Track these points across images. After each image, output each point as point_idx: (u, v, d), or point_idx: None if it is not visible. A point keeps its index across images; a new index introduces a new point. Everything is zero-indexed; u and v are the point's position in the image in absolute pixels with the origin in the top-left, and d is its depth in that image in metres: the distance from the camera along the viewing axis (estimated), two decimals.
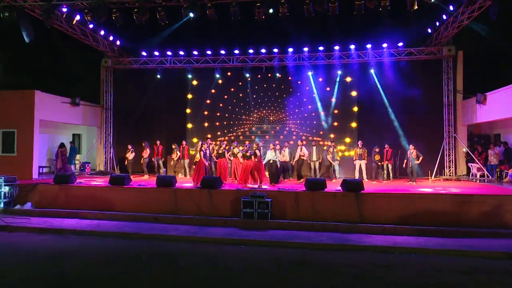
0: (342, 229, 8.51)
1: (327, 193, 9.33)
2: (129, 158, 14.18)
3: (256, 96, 15.38)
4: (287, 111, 15.16)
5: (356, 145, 13.43)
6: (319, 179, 9.89)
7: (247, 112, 15.45)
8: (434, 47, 13.58)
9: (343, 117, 14.65)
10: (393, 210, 8.86)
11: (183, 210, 9.73)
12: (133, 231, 8.23)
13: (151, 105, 15.81)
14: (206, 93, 15.64)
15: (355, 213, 9.00)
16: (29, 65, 15.92)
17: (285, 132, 15.08)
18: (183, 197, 9.87)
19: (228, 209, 9.54)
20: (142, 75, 15.91)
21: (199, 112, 15.68)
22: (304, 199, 9.30)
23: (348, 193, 9.20)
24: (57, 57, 15.24)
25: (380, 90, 14.09)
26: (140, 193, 10.15)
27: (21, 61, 15.69)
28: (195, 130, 15.67)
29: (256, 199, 9.08)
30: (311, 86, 14.88)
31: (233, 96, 15.54)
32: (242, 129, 15.47)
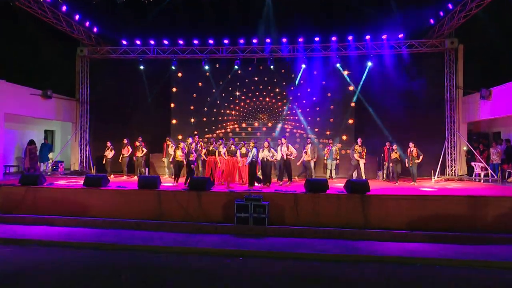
0: (348, 235, 7.76)
1: (330, 195, 8.56)
2: (108, 156, 13.06)
3: (247, 90, 14.50)
4: (280, 107, 14.34)
5: (354, 142, 12.71)
6: (320, 180, 9.11)
7: (237, 107, 14.54)
8: (436, 40, 13.04)
9: (339, 113, 13.95)
10: (402, 213, 8.18)
11: (168, 215, 8.79)
12: (111, 240, 7.22)
13: (132, 99, 14.72)
14: (193, 86, 14.64)
15: (360, 217, 8.28)
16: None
17: (277, 129, 14.26)
18: (168, 200, 8.91)
19: (219, 213, 8.65)
20: (122, 66, 14.77)
21: (185, 107, 14.67)
22: (304, 202, 8.50)
23: (353, 195, 8.46)
24: (25, 43, 13.88)
25: (379, 85, 13.44)
26: (119, 196, 9.12)
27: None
28: (180, 126, 14.66)
29: (252, 202, 8.23)
30: (306, 80, 14.11)
31: (222, 90, 14.60)
32: (231, 125, 14.56)
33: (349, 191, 8.59)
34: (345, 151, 13.24)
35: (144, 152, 12.79)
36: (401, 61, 13.29)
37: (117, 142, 12.99)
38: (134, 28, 13.73)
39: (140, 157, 12.72)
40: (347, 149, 13.08)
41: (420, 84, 13.09)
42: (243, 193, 8.78)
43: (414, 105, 13.31)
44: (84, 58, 14.81)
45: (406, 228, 8.00)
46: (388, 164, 12.11)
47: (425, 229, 7.89)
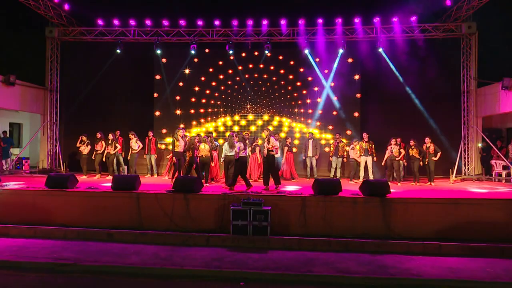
0: (370, 248, 6.51)
1: (344, 199, 7.28)
2: (83, 152, 11.51)
3: (240, 79, 13.10)
4: (277, 98, 13.00)
5: (359, 138, 11.48)
6: (332, 180, 7.81)
7: (229, 98, 13.13)
8: (452, 23, 11.90)
9: (344, 105, 12.69)
10: (430, 220, 7.00)
11: (149, 223, 7.39)
12: (73, 258, 5.75)
13: (109, 87, 13.15)
14: (179, 73, 13.16)
15: (381, 224, 7.06)
16: None
17: (275, 123, 12.92)
18: (149, 204, 7.50)
19: (212, 220, 7.29)
20: (98, 50, 13.18)
21: (170, 97, 13.18)
22: (313, 207, 7.21)
23: (371, 198, 7.21)
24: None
25: (388, 74, 12.24)
26: (88, 199, 7.64)
27: None
28: (164, 119, 13.16)
29: (251, 207, 6.89)
30: (307, 68, 12.80)
31: (212, 78, 13.17)
32: (222, 118, 13.14)
33: (367, 193, 7.33)
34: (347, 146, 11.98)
35: (117, 149, 11.30)
36: (414, 48, 12.11)
37: (93, 136, 11.44)
38: (112, 6, 12.16)
39: (113, 155, 11.22)
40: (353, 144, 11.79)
41: (434, 73, 11.97)
42: (240, 195, 7.43)
43: (427, 97, 12.19)
44: (53, 40, 13.15)
45: (435, 238, 6.83)
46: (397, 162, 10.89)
47: (459, 239, 6.72)
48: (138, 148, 11.34)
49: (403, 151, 10.30)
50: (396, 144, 10.33)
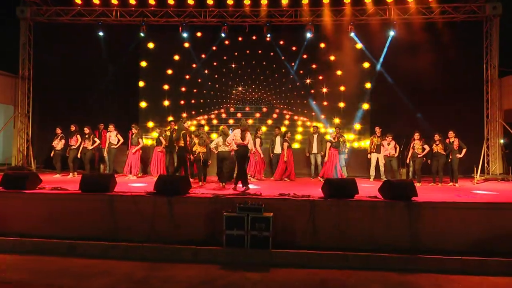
0: (396, 264, 5.35)
1: (361, 203, 6.10)
2: (56, 147, 10.27)
3: (237, 66, 11.91)
4: (277, 88, 11.81)
5: (371, 132, 10.33)
6: (346, 180, 6.61)
7: (224, 87, 11.93)
8: (474, 4, 10.75)
9: (352, 96, 11.52)
10: (466, 229, 5.83)
11: (125, 232, 6.20)
12: (20, 281, 4.52)
13: (90, 75, 11.87)
14: (167, 60, 11.93)
15: (406, 234, 5.90)
16: None
17: (274, 116, 11.74)
18: (125, 209, 6.29)
19: (200, 229, 6.11)
20: (76, 33, 11.90)
21: (157, 86, 11.97)
22: (324, 213, 6.04)
23: (394, 202, 6.04)
24: None
25: (401, 61, 11.07)
26: (52, 203, 6.42)
27: None
28: (151, 111, 11.93)
29: (249, 213, 5.69)
30: (311, 54, 11.62)
31: (205, 66, 11.98)
32: (216, 110, 11.94)
33: (388, 196, 6.15)
34: (356, 142, 10.79)
35: (95, 144, 10.08)
36: (431, 31, 10.96)
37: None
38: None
39: (90, 150, 10.01)
40: (361, 140, 10.61)
41: (453, 61, 10.84)
42: (235, 199, 6.22)
43: (445, 87, 11.06)
44: (25, 21, 11.85)
45: (471, 250, 5.68)
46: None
47: (503, 252, 5.56)
48: (118, 143, 10.10)
49: (427, 147, 9.14)
50: (419, 139, 9.18)
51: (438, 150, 9.09)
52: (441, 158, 9.03)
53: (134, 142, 9.95)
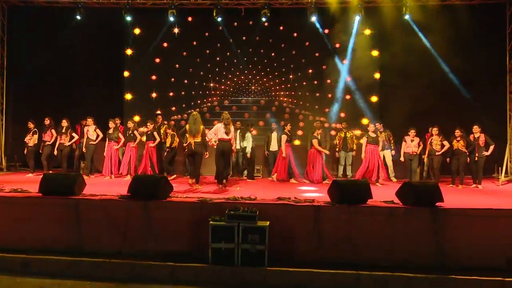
0: (419, 286, 4.37)
1: (376, 210, 5.14)
2: (29, 143, 9.30)
3: (231, 54, 10.92)
4: (276, 78, 10.83)
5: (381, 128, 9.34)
6: (358, 182, 5.62)
7: (218, 77, 10.96)
8: None
9: (360, 87, 10.53)
10: (502, 241, 4.86)
11: (93, 244, 5.30)
12: None
13: (69, 63, 10.88)
14: (155, 47, 10.94)
15: (431, 248, 4.98)
16: None
17: (273, 109, 10.76)
18: (93, 216, 5.35)
19: (182, 241, 5.21)
20: (54, 17, 10.84)
21: (144, 76, 10.98)
22: (332, 221, 5.10)
23: (416, 208, 5.07)
24: None
25: (415, 48, 10.08)
26: (6, 208, 5.46)
27: None
28: (137, 104, 10.94)
29: (240, 222, 4.74)
30: (313, 41, 10.64)
31: (196, 54, 11.00)
32: (209, 103, 10.96)
33: (409, 201, 5.18)
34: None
35: (74, 139, 9.13)
36: (447, 16, 9.92)
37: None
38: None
39: (68, 147, 9.07)
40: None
41: (472, 48, 9.86)
42: (225, 204, 5.27)
43: (464, 78, 10.07)
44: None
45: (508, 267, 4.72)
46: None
47: None
48: (96, 139, 9.12)
49: (447, 143, 8.17)
50: (437, 134, 8.22)
51: (459, 147, 8.12)
52: (462, 156, 8.05)
53: (114, 137, 9.00)
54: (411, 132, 8.46)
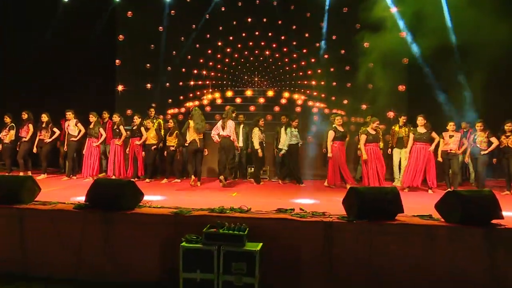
0: None
1: (409, 229, 3.87)
2: (4, 140, 8.44)
3: (235, 38, 9.77)
4: (285, 66, 9.59)
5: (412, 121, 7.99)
6: (384, 190, 4.30)
7: (219, 66, 9.83)
8: None
9: (384, 74, 9.10)
10: None
11: (40, 266, 4.24)
12: None
13: (54, 51, 9.90)
14: (149, 32, 9.89)
15: (484, 281, 3.63)
16: None
17: (283, 101, 9.51)
18: (40, 230, 4.31)
19: (151, 265, 4.09)
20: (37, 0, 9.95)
21: (137, 64, 9.95)
22: (348, 243, 3.91)
23: (465, 228, 3.76)
24: None
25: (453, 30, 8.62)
26: None
27: None
28: (130, 95, 9.94)
29: (222, 244, 3.58)
30: (330, 22, 9.36)
31: (196, 39, 9.89)
32: (210, 94, 9.83)
33: (454, 218, 3.88)
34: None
35: (55, 135, 8.22)
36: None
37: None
38: None
39: (48, 144, 8.17)
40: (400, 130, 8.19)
41: None
42: (206, 217, 4.11)
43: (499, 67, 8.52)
44: None
45: None
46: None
47: None
48: (78, 135, 8.14)
49: (495, 140, 6.75)
50: (482, 130, 6.82)
51: (509, 144, 6.68)
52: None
53: (94, 133, 8.01)
54: (450, 126, 7.03)
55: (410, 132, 7.27)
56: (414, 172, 6.87)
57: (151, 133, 7.92)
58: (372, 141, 7.15)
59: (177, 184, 7.57)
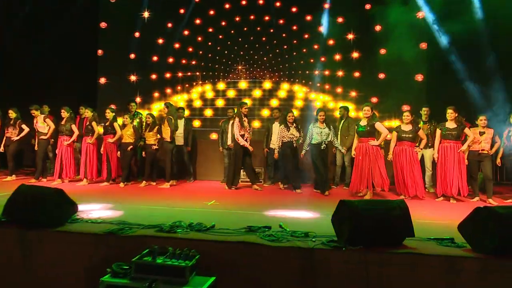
0: None
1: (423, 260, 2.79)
2: None
3: (227, 23, 8.76)
4: (285, 53, 8.54)
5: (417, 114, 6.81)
6: (389, 204, 3.21)
7: (210, 55, 8.87)
8: None
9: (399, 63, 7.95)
10: None
11: None
12: None
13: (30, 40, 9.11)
14: (133, 18, 8.99)
15: None
16: None
17: (281, 94, 8.47)
18: None
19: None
20: None
21: (121, 55, 9.08)
22: (335, 277, 2.81)
23: (503, 260, 2.66)
24: None
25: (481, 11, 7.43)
26: None
27: None
28: (113, 89, 9.08)
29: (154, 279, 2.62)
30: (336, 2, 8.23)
31: (184, 25, 8.95)
32: (200, 87, 8.87)
33: (486, 245, 2.77)
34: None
35: (23, 132, 7.42)
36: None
37: None
38: None
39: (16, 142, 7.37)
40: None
41: None
42: (148, 238, 3.14)
43: None
44: None
45: None
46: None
47: None
48: (48, 132, 7.31)
49: None
50: None
51: None
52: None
53: (65, 130, 7.16)
54: (480, 121, 5.81)
55: (437, 128, 6.05)
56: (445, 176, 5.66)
57: (127, 130, 7.02)
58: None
59: (152, 189, 6.66)
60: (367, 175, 5.91)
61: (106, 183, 7.02)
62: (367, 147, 5.92)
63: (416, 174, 5.87)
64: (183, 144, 7.61)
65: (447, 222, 3.99)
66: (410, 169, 5.86)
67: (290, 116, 6.34)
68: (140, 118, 7.78)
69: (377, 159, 5.90)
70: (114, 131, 7.01)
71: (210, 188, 6.96)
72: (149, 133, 7.06)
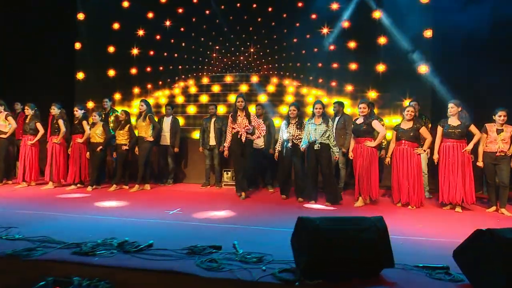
0: None
1: None
2: None
3: (211, 12, 8.11)
4: (274, 44, 7.87)
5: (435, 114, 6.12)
6: (355, 221, 2.53)
7: (193, 47, 8.23)
8: None
9: (401, 52, 7.20)
10: None
11: None
12: None
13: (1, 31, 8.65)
14: (113, 10, 8.41)
15: None
16: None
17: (270, 88, 7.78)
18: None
19: None
20: None
21: (100, 48, 8.51)
22: None
23: None
24: None
25: None
26: None
27: None
28: (91, 84, 8.52)
29: None
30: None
31: (165, 14, 8.34)
32: (182, 81, 8.25)
33: (490, 280, 2.04)
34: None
35: None
36: None
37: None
38: None
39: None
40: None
41: None
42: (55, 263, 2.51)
43: None
44: None
45: None
46: None
47: None
48: (9, 130, 6.77)
49: None
50: None
51: None
52: None
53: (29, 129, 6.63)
54: (498, 117, 5.05)
55: (438, 125, 5.34)
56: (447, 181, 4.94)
57: (97, 129, 6.44)
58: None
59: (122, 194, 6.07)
60: (358, 180, 5.26)
61: (73, 187, 6.47)
62: (362, 148, 5.26)
63: (416, 179, 5.16)
64: (169, 144, 7.06)
65: (444, 241, 3.29)
66: (409, 172, 5.15)
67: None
68: (116, 116, 7.23)
69: (371, 163, 5.21)
70: (83, 130, 6.46)
71: (186, 193, 6.36)
72: (120, 132, 6.48)
